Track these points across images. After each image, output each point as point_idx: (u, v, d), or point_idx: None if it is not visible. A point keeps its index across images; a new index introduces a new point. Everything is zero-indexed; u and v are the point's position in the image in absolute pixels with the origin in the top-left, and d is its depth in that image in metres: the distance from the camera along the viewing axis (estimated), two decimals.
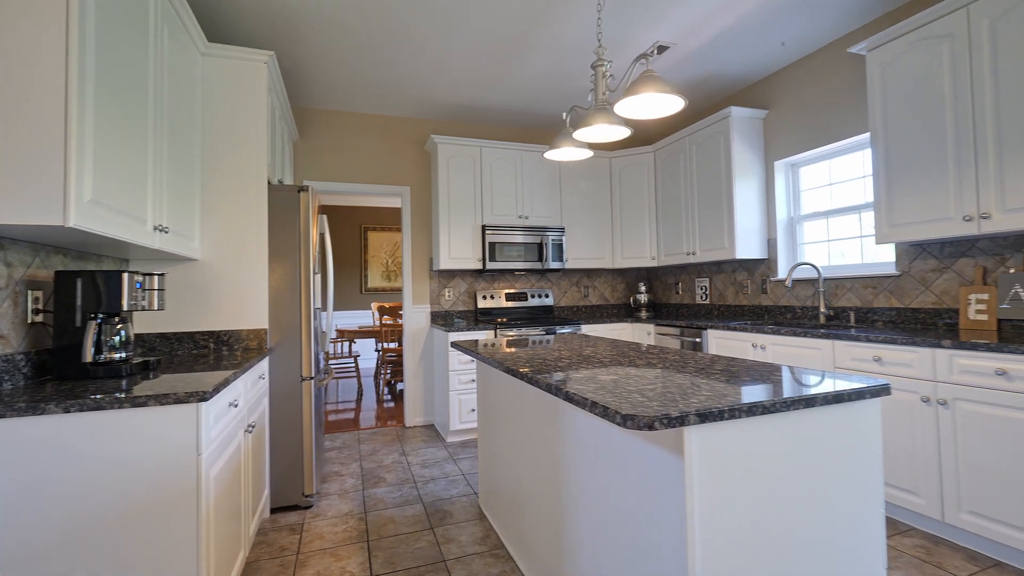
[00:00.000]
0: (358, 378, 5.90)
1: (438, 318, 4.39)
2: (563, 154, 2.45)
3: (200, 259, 2.54)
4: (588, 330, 4.17)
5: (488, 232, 4.14)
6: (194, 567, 1.45)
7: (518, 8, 2.78)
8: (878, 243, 2.66)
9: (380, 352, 5.80)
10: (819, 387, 1.23)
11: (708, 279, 4.34)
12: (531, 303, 4.58)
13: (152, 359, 1.91)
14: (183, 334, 2.49)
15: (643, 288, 4.82)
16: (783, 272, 3.63)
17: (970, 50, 2.26)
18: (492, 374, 2.44)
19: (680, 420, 1.02)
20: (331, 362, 6.52)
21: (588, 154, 2.45)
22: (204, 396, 1.46)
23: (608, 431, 1.39)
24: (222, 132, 2.59)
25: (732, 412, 1.06)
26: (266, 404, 2.54)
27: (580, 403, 1.19)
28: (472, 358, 3.30)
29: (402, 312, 4.40)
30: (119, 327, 1.77)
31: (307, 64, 3.37)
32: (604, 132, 2.18)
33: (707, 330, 3.42)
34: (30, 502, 1.30)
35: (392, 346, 5.89)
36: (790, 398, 1.13)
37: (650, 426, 0.99)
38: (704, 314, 4.35)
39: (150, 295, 1.90)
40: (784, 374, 1.42)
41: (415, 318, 4.34)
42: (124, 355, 1.78)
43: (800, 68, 3.47)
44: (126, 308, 1.75)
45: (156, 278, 1.94)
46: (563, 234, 4.39)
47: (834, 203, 3.37)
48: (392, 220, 8.39)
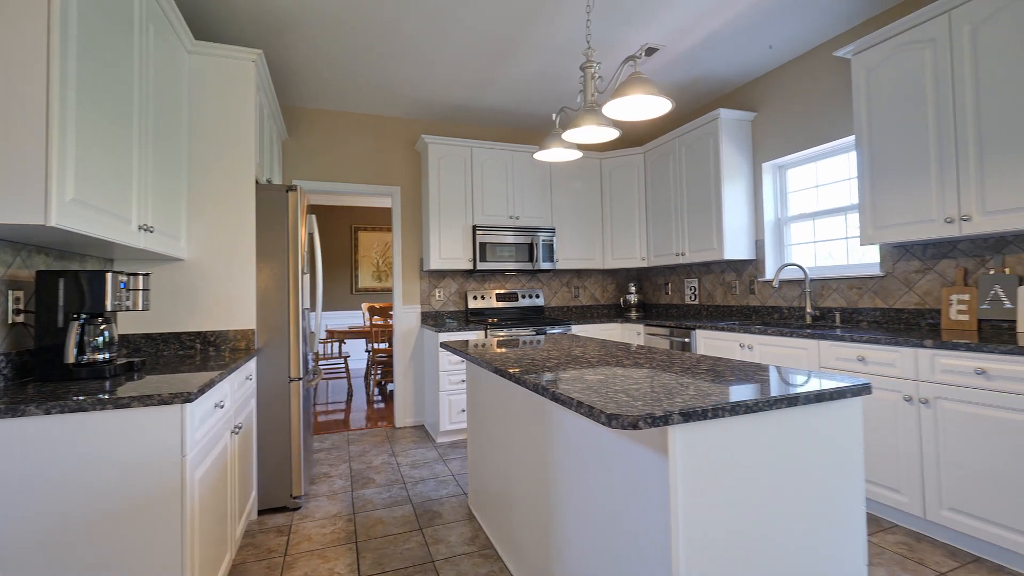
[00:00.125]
0: (348, 379, 5.87)
1: (428, 318, 4.39)
2: (552, 155, 2.45)
3: (187, 259, 2.51)
4: (578, 330, 4.19)
5: (479, 232, 4.14)
6: (178, 569, 1.43)
7: (509, 8, 2.78)
8: (863, 244, 2.70)
9: (370, 353, 5.77)
10: (802, 386, 1.25)
11: (697, 280, 4.37)
12: (522, 303, 4.59)
13: (137, 360, 1.89)
14: (169, 335, 2.47)
15: (633, 288, 4.84)
16: (771, 273, 3.66)
17: (952, 55, 2.30)
18: (481, 374, 2.44)
19: (664, 419, 1.02)
20: (321, 363, 6.48)
21: (577, 155, 2.46)
22: (189, 397, 1.45)
23: (594, 431, 1.40)
24: (209, 131, 2.57)
25: (715, 411, 1.08)
26: (253, 405, 2.52)
27: (566, 403, 1.19)
28: (462, 358, 3.29)
29: (392, 312, 4.39)
30: (102, 328, 1.74)
31: (296, 63, 3.35)
32: (593, 133, 2.20)
33: (696, 330, 3.45)
34: (10, 505, 1.28)
35: (382, 347, 5.87)
36: (772, 397, 1.14)
37: (634, 425, 1.00)
38: (693, 314, 4.38)
39: (135, 295, 1.88)
40: (768, 374, 1.43)
41: (405, 318, 4.33)
42: (108, 356, 1.76)
43: (787, 71, 3.51)
44: (110, 308, 1.73)
45: (141, 278, 1.92)
46: (554, 235, 4.40)
47: (821, 205, 3.41)
48: (383, 220, 8.35)
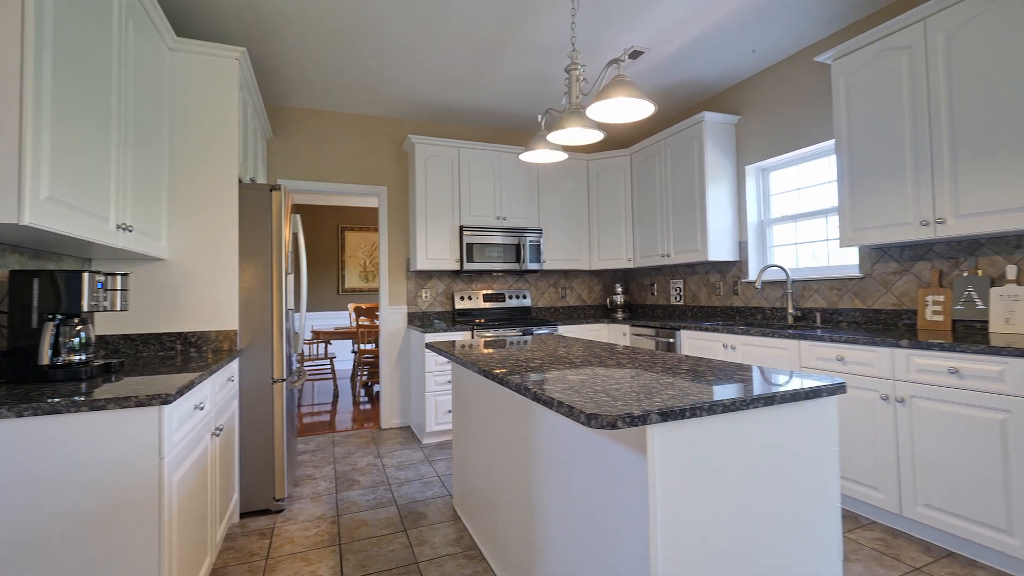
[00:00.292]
0: (334, 380, 5.83)
1: (415, 319, 4.37)
2: (538, 156, 2.46)
3: (167, 259, 2.48)
4: (565, 331, 4.20)
5: (466, 233, 4.14)
6: (155, 573, 1.41)
7: (495, 10, 2.79)
8: (842, 246, 2.75)
9: (357, 353, 5.74)
10: (780, 386, 1.27)
11: (682, 280, 4.41)
12: (509, 304, 4.59)
13: (114, 361, 1.86)
14: (149, 335, 2.43)
15: (619, 289, 4.87)
16: (754, 274, 3.71)
17: (927, 62, 2.35)
18: (467, 375, 2.44)
19: (642, 419, 1.04)
20: (307, 364, 6.42)
21: (563, 156, 2.47)
22: (167, 399, 1.43)
23: (576, 431, 1.41)
24: (192, 129, 2.53)
25: (693, 411, 1.09)
26: (236, 407, 2.49)
27: (547, 403, 1.20)
28: (447, 359, 3.29)
29: (379, 313, 4.36)
30: (79, 328, 1.71)
31: (282, 61, 3.32)
32: (578, 135, 2.21)
33: (680, 331, 3.48)
34: None
35: (369, 347, 5.83)
36: (749, 397, 1.16)
37: (613, 425, 1.01)
38: (678, 315, 4.42)
39: (112, 295, 1.85)
40: (747, 374, 1.45)
41: (392, 319, 4.31)
42: (84, 357, 1.73)
43: (770, 75, 3.57)
44: (86, 309, 1.70)
45: (119, 278, 1.89)
46: (541, 235, 4.41)
47: (802, 207, 3.47)
48: (370, 220, 8.30)
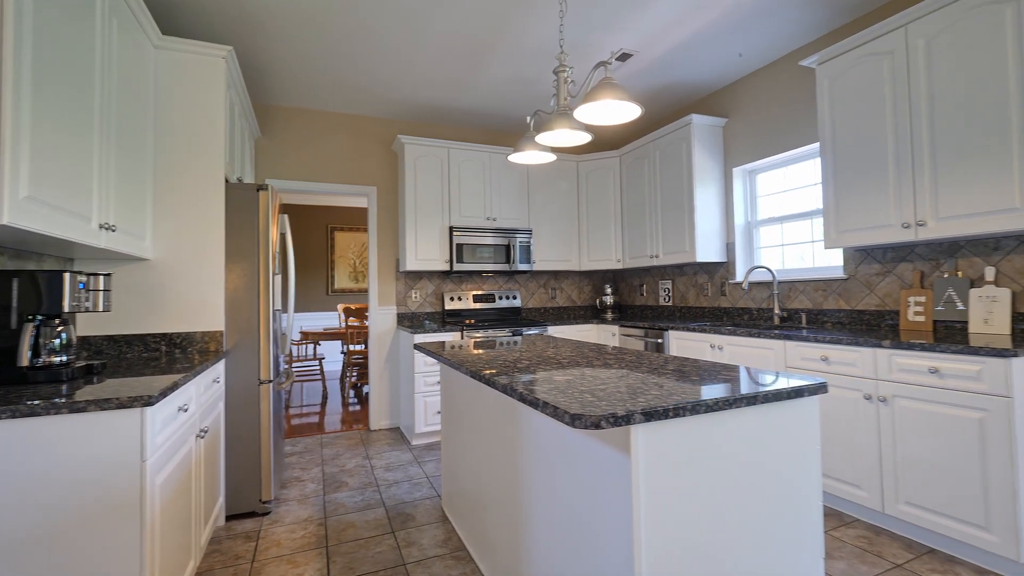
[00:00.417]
0: (323, 381, 5.79)
1: (404, 319, 4.36)
2: (526, 157, 2.47)
3: (152, 259, 2.45)
4: (555, 331, 4.21)
5: (456, 233, 4.14)
6: None
7: (484, 12, 2.79)
8: (827, 248, 2.79)
9: (346, 354, 5.70)
10: (763, 386, 1.29)
11: (671, 281, 4.45)
12: (499, 304, 4.59)
13: (97, 363, 1.83)
14: (133, 336, 2.40)
15: (609, 290, 4.90)
16: (741, 275, 3.75)
17: (908, 67, 2.39)
18: (455, 376, 2.44)
19: (626, 419, 1.04)
20: (295, 365, 6.37)
21: (551, 158, 2.48)
22: (149, 401, 1.41)
23: (561, 431, 1.42)
24: (177, 128, 2.51)
25: (677, 411, 1.10)
26: (221, 408, 2.46)
27: (532, 403, 1.21)
28: (436, 360, 3.28)
29: (368, 314, 4.34)
30: (60, 329, 1.69)
31: (270, 60, 3.30)
32: (566, 137, 2.22)
33: (668, 331, 3.51)
34: None
35: (358, 348, 5.81)
36: (732, 397, 1.18)
37: (596, 425, 1.02)
38: (667, 315, 4.45)
39: (95, 296, 1.82)
40: (732, 374, 1.47)
41: (381, 320, 4.30)
42: (65, 358, 1.71)
43: (757, 79, 3.61)
44: (67, 310, 1.68)
45: (101, 278, 1.86)
46: (531, 236, 4.42)
47: (789, 209, 3.51)
48: (360, 220, 8.26)
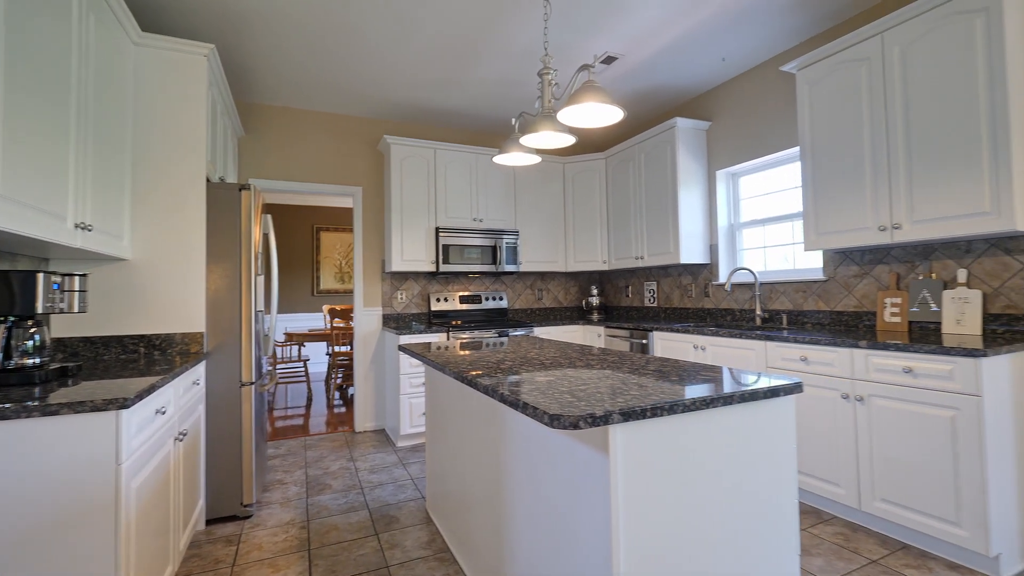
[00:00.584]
0: (307, 383, 5.73)
1: (390, 321, 4.34)
2: (511, 159, 2.48)
3: (131, 259, 2.41)
4: (541, 332, 4.22)
5: (442, 234, 4.13)
6: None
7: (469, 14, 2.80)
8: (806, 250, 2.84)
9: (331, 356, 5.65)
10: (740, 386, 1.31)
11: (656, 283, 4.48)
12: (486, 305, 4.59)
13: (71, 365, 1.79)
14: (110, 338, 2.36)
15: (595, 291, 4.92)
16: (724, 276, 3.80)
17: (884, 73, 2.45)
18: (439, 377, 2.43)
19: (604, 419, 1.05)
20: (280, 367, 6.30)
21: (536, 159, 2.49)
22: (125, 403, 1.39)
23: (542, 432, 1.42)
24: (157, 126, 2.47)
25: (655, 410, 1.11)
26: (202, 411, 2.43)
27: (512, 404, 1.21)
28: (420, 361, 3.27)
29: (354, 315, 4.31)
30: (33, 331, 1.65)
31: (254, 58, 3.27)
32: (550, 139, 2.23)
33: (653, 332, 3.54)
34: None
35: (344, 350, 5.76)
36: (709, 396, 1.19)
37: (575, 425, 1.03)
38: (652, 316, 4.49)
39: (69, 297, 1.79)
40: (711, 374, 1.49)
41: (366, 321, 4.27)
42: (38, 361, 1.67)
43: (740, 83, 3.66)
44: (41, 311, 1.64)
45: (77, 278, 1.83)
46: (517, 237, 4.43)
47: (770, 211, 3.57)
48: (346, 221, 8.20)
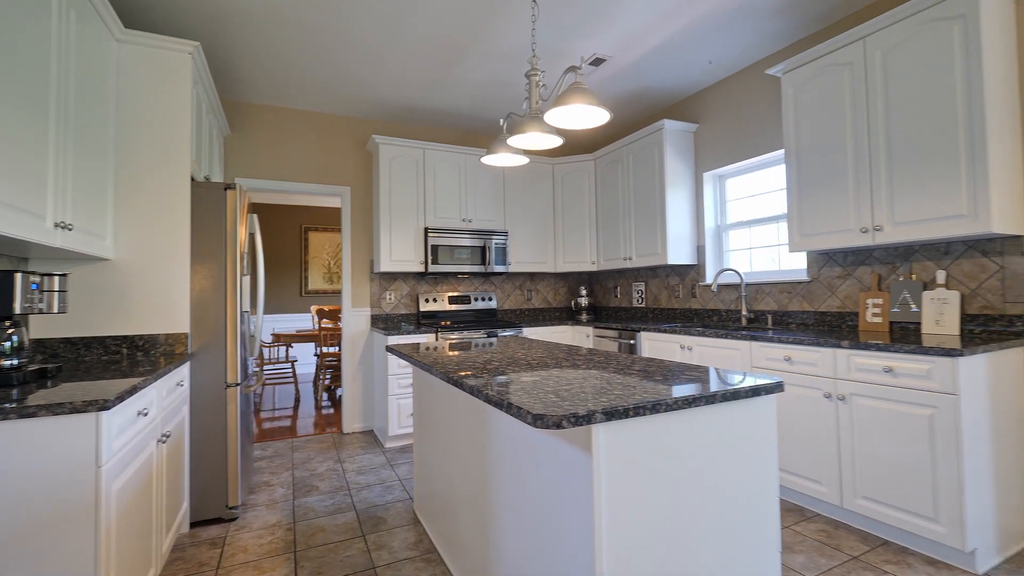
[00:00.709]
0: (295, 384, 5.69)
1: (379, 321, 4.32)
2: (499, 159, 2.48)
3: (114, 259, 2.37)
4: (530, 333, 4.23)
5: (431, 235, 4.12)
6: None
7: (458, 15, 2.80)
8: (791, 251, 2.87)
9: (319, 357, 5.61)
10: (723, 385, 1.32)
11: (644, 283, 4.52)
12: (475, 306, 4.59)
13: (51, 366, 1.77)
14: (92, 339, 2.32)
15: (584, 292, 4.94)
16: (710, 277, 3.84)
17: (866, 78, 2.49)
18: (426, 378, 2.43)
19: (587, 418, 1.06)
20: (267, 367, 6.25)
21: (523, 160, 2.50)
22: (105, 405, 1.37)
23: (526, 432, 1.43)
24: (141, 125, 2.44)
25: (637, 410, 1.13)
26: (186, 412, 2.40)
27: (497, 404, 1.22)
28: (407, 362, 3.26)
29: (342, 315, 4.29)
30: (10, 332, 1.63)
31: (240, 56, 3.24)
32: (537, 140, 2.24)
33: (640, 332, 3.56)
34: None
35: (332, 350, 5.72)
36: (691, 396, 1.21)
37: (558, 425, 1.03)
38: (640, 317, 4.52)
39: (49, 297, 1.76)
40: (694, 374, 1.51)
41: (355, 321, 4.25)
42: (16, 362, 1.65)
43: (726, 86, 3.70)
44: (19, 311, 1.62)
45: (57, 278, 1.80)
46: (507, 238, 4.43)
47: (756, 213, 3.61)
48: (335, 221, 8.15)
